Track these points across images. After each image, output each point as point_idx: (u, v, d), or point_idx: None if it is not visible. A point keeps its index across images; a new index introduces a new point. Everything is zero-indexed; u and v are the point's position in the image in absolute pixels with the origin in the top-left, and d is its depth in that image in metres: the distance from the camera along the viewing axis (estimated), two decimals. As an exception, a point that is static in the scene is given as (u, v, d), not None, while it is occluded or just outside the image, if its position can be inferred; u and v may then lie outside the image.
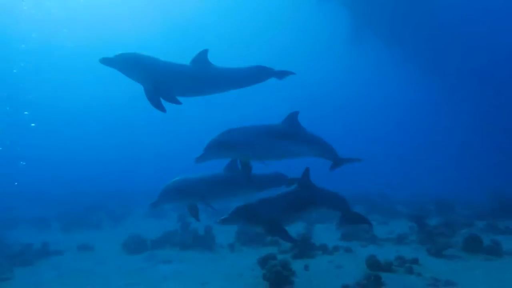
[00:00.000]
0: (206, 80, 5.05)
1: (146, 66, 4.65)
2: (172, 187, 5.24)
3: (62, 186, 20.79)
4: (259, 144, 4.54)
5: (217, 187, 5.53)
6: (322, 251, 7.26)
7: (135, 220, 13.14)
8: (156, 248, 8.65)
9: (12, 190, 19.18)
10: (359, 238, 8.45)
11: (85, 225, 11.94)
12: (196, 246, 8.63)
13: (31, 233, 11.55)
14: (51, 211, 14.58)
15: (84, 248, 8.87)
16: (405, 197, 15.83)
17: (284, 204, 4.85)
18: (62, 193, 19.03)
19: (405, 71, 34.29)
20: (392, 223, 10.88)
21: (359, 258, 6.69)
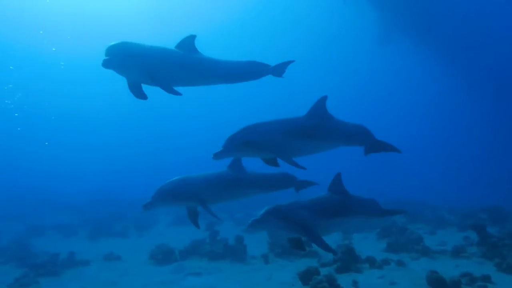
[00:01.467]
0: (191, 68, 4.63)
1: (138, 55, 4.25)
2: (168, 188, 4.64)
3: (86, 193, 21.00)
4: (286, 144, 3.98)
5: (219, 188, 4.87)
6: (369, 264, 6.54)
7: (161, 228, 12.86)
8: (184, 258, 8.24)
9: (38, 198, 19.55)
10: (408, 249, 7.65)
11: (111, 233, 11.76)
12: (227, 257, 8.13)
13: (57, 240, 11.50)
14: (77, 218, 14.59)
15: (110, 258, 8.60)
16: (448, 204, 14.68)
17: (319, 209, 4.20)
18: (86, 200, 19.17)
19: (435, 71, 32.88)
20: (441, 232, 9.95)
21: (414, 273, 5.96)
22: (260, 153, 3.95)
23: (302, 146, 4.09)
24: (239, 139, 3.78)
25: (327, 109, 4.33)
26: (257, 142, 3.81)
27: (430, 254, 7.30)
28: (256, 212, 10.46)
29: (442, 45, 27.74)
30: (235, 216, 14.79)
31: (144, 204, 4.59)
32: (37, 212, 16.88)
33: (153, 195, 4.60)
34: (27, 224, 13.87)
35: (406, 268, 6.43)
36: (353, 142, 4.58)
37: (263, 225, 3.79)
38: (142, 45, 4.43)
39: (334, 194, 4.43)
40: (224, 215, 15.23)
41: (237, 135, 3.80)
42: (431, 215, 11.98)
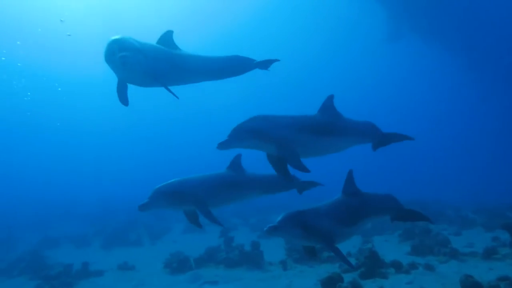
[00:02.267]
0: (183, 65, 4.48)
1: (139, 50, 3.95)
2: (165, 189, 4.34)
3: (98, 202, 21.04)
4: (296, 138, 3.71)
5: (217, 190, 4.56)
6: (395, 268, 6.20)
7: (175, 236, 12.68)
8: (200, 266, 8.00)
9: (52, 207, 19.66)
10: (434, 252, 7.28)
11: (125, 242, 11.63)
12: (243, 264, 7.87)
13: (71, 251, 11.43)
14: (90, 227, 14.55)
15: (124, 268, 8.44)
16: (469, 203, 14.14)
17: (339, 217, 3.87)
18: (99, 209, 19.18)
19: (448, 67, 32.19)
20: (467, 233, 9.50)
21: (445, 278, 5.61)
22: (267, 146, 3.60)
23: (312, 143, 3.81)
24: (246, 127, 3.50)
25: (335, 107, 4.14)
26: (266, 132, 3.53)
27: (459, 257, 6.92)
28: (270, 217, 10.23)
29: (454, 40, 27.09)
30: (249, 221, 14.55)
31: (140, 205, 4.28)
32: (51, 222, 16.96)
33: (149, 196, 4.32)
34: (41, 234, 13.88)
35: (436, 272, 6.07)
36: (363, 139, 4.35)
37: (280, 232, 3.53)
38: (146, 43, 4.23)
39: (349, 196, 4.16)
40: (238, 221, 15.02)
41: (245, 123, 3.53)
42: (453, 215, 11.52)
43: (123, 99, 4.30)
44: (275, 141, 3.56)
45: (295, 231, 3.54)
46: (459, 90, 36.80)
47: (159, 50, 4.33)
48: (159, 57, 4.24)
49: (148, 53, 4.04)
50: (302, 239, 3.71)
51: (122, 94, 4.24)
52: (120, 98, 4.27)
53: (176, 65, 4.43)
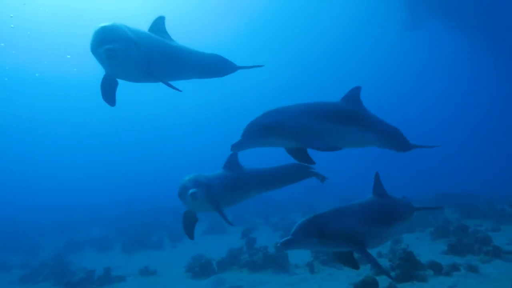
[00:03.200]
0: (170, 56, 3.98)
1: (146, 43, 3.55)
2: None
3: (119, 205, 21.20)
4: (318, 129, 3.29)
5: (235, 188, 4.33)
6: (434, 270, 5.73)
7: (195, 237, 12.43)
8: (223, 270, 7.75)
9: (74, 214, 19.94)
10: (473, 251, 6.74)
11: (146, 245, 11.54)
12: (268, 267, 7.56)
13: (94, 255, 11.43)
14: (111, 230, 14.58)
15: (146, 273, 8.28)
16: (504, 196, 13.32)
17: (368, 217, 3.46)
18: (120, 212, 19.31)
19: (470, 55, 30.81)
20: (506, 229, 8.85)
21: (492, 280, 5.11)
22: (286, 141, 3.23)
23: (335, 133, 3.39)
24: (261, 124, 3.12)
25: (361, 100, 3.73)
26: (284, 125, 3.14)
27: (503, 256, 6.37)
28: (291, 216, 9.74)
29: (476, 26, 25.82)
30: (270, 220, 14.24)
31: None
32: (74, 226, 17.17)
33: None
34: (65, 239, 14.01)
35: (481, 274, 5.57)
36: (386, 141, 3.90)
37: (297, 245, 3.13)
38: (141, 31, 3.71)
39: (380, 197, 3.75)
40: (259, 220, 14.74)
41: (258, 119, 3.16)
42: (488, 209, 10.82)
43: (108, 98, 3.70)
44: (294, 135, 3.16)
45: (311, 240, 3.12)
46: (482, 79, 35.23)
47: (154, 40, 3.81)
48: (154, 48, 3.72)
49: (142, 44, 3.48)
50: (323, 247, 3.29)
51: (108, 92, 3.67)
52: (105, 95, 3.67)
53: (171, 58, 3.96)
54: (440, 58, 34.16)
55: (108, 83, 3.62)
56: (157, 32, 3.96)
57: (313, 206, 17.24)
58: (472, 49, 29.48)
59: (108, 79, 3.60)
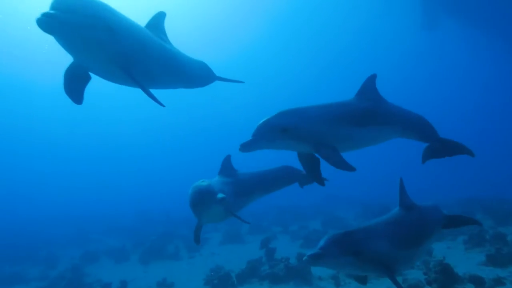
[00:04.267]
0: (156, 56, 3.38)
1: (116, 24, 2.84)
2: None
3: (134, 215, 21.18)
4: (337, 134, 3.05)
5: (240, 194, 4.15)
6: (475, 285, 5.23)
7: (212, 248, 12.19)
8: (242, 283, 7.41)
9: (91, 225, 20.01)
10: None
11: (163, 255, 11.30)
12: (290, 280, 7.17)
13: (110, 267, 11.27)
14: (128, 240, 14.45)
15: (163, 285, 8.03)
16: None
17: (396, 235, 3.14)
18: (136, 222, 19.26)
19: (487, 56, 29.81)
20: (548, 236, 8.17)
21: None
22: (301, 146, 2.97)
23: (354, 136, 3.15)
24: (274, 125, 2.86)
25: (377, 90, 3.45)
26: (299, 128, 2.89)
27: (551, 267, 5.79)
28: (310, 223, 9.18)
29: (494, 27, 25.00)
30: (289, 229, 13.80)
31: None
32: (91, 237, 17.18)
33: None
34: (82, 250, 13.96)
35: (530, 289, 5.04)
36: (412, 133, 3.58)
37: (326, 261, 2.88)
38: (128, 20, 3.09)
39: (408, 210, 3.38)
40: (278, 229, 14.33)
41: (271, 120, 2.89)
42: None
43: (73, 93, 3.05)
44: (310, 139, 2.91)
45: (346, 258, 2.87)
46: (500, 81, 33.99)
47: (141, 34, 3.20)
48: (137, 43, 3.09)
49: (121, 32, 2.86)
50: (355, 267, 3.00)
51: (74, 85, 3.01)
52: (69, 89, 3.03)
53: (157, 59, 3.33)
54: (457, 57, 33.26)
55: (74, 74, 2.97)
56: (153, 29, 3.49)
57: (332, 213, 16.74)
58: (489, 48, 28.54)
59: (75, 69, 2.95)
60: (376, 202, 17.73)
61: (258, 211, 18.09)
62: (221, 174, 4.29)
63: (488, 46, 28.55)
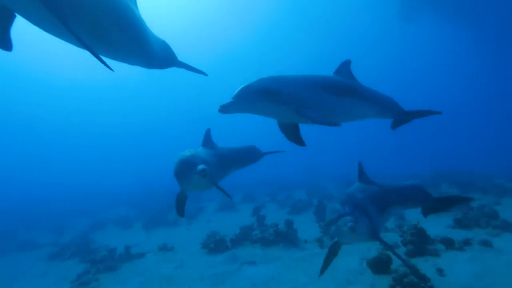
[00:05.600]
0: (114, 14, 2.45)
1: None
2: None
3: (140, 189, 20.94)
4: (318, 99, 2.80)
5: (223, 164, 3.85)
6: (446, 245, 5.19)
7: (209, 215, 12.10)
8: (236, 246, 7.29)
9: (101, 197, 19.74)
10: (481, 225, 6.18)
11: (164, 223, 11.16)
12: (279, 242, 7.08)
13: (116, 233, 11.09)
14: (133, 211, 14.27)
15: (164, 249, 7.87)
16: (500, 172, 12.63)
17: (378, 204, 3.17)
18: (141, 195, 19.04)
19: (465, 44, 29.49)
20: (507, 202, 8.25)
21: (508, 255, 4.55)
22: (282, 109, 2.68)
23: (333, 104, 2.90)
24: (256, 87, 2.59)
25: (352, 73, 3.30)
26: (282, 92, 2.62)
27: (511, 229, 5.79)
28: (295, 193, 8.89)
29: (465, 20, 24.57)
30: (277, 198, 13.76)
31: None
32: (100, 208, 16.94)
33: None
34: (90, 219, 13.74)
35: (494, 249, 5.01)
36: (382, 112, 3.45)
37: (361, 226, 2.73)
38: None
39: (369, 184, 3.43)
40: (267, 198, 14.28)
41: (253, 83, 2.62)
42: (486, 185, 10.19)
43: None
44: (292, 103, 2.64)
45: (367, 222, 2.83)
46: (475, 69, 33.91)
47: None
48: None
49: None
50: (368, 232, 2.87)
51: None
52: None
53: (108, 10, 2.36)
54: (433, 48, 32.92)
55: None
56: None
57: (315, 184, 16.77)
58: (464, 39, 28.23)
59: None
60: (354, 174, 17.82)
61: (249, 183, 18.04)
62: (204, 146, 3.98)
63: (459, 39, 28.23)
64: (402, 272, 3.70)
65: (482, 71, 33.51)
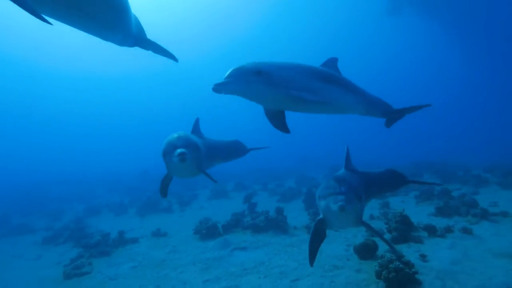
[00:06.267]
0: None
1: None
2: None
3: (136, 175, 20.61)
4: (307, 84, 2.71)
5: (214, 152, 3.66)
6: (428, 232, 5.18)
7: (201, 202, 11.96)
8: (228, 232, 7.19)
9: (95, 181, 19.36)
10: (460, 213, 6.20)
11: (157, 209, 10.98)
12: (269, 229, 7.01)
13: (110, 219, 10.87)
14: (126, 197, 14.01)
15: (158, 234, 7.72)
16: (478, 163, 12.78)
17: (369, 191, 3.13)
18: (136, 181, 18.75)
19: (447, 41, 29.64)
20: (485, 192, 8.33)
21: (486, 242, 4.55)
22: (273, 91, 2.53)
23: (322, 90, 2.82)
24: (249, 68, 2.46)
25: (339, 69, 3.26)
26: (273, 74, 2.52)
27: (490, 217, 5.82)
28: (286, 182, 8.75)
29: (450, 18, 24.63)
30: (268, 186, 13.69)
31: None
32: (95, 193, 16.62)
33: None
34: (85, 205, 13.44)
35: (474, 236, 5.01)
36: (372, 106, 3.39)
37: (351, 208, 2.53)
38: None
39: (351, 172, 3.26)
40: (258, 187, 14.20)
41: (246, 64, 2.50)
42: (465, 175, 10.29)
43: None
44: (282, 85, 2.52)
45: (358, 205, 2.65)
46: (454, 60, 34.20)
47: None
48: None
49: None
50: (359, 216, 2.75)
51: None
52: None
53: None
54: (417, 42, 33.00)
55: None
56: None
57: (304, 173, 16.75)
58: (450, 36, 28.34)
59: None
60: (341, 164, 17.86)
61: (241, 172, 17.92)
62: (194, 133, 3.75)
63: (442, 35, 28.32)
64: (388, 258, 3.63)
65: (467, 67, 33.86)
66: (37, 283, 5.68)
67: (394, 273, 3.51)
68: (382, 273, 3.62)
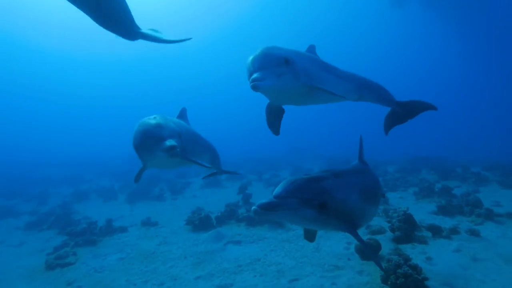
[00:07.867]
0: None
1: None
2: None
3: (126, 160, 20.10)
4: (317, 73, 2.47)
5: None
6: (432, 233, 4.95)
7: (194, 191, 11.63)
8: (221, 224, 6.90)
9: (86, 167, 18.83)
10: (464, 213, 6.01)
11: (148, 196, 10.62)
12: (265, 222, 6.73)
13: (99, 205, 10.48)
14: (117, 182, 13.60)
15: (148, 224, 7.39)
16: (477, 161, 12.67)
17: (364, 189, 2.30)
18: (126, 166, 18.26)
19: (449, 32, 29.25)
20: (486, 190, 8.18)
21: (495, 245, 4.33)
22: (295, 82, 2.17)
23: (327, 80, 2.61)
24: (278, 55, 2.07)
25: None
26: (295, 61, 2.19)
27: (494, 218, 5.63)
28: (281, 173, 8.42)
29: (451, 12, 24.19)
30: (262, 177, 13.43)
31: None
32: (84, 178, 16.13)
33: None
34: (73, 189, 12.99)
35: (482, 238, 4.80)
36: (367, 92, 3.06)
37: (281, 214, 1.78)
38: None
39: (365, 165, 2.67)
40: (253, 176, 13.94)
41: (271, 50, 2.10)
42: (464, 172, 10.15)
43: None
44: (304, 75, 2.23)
45: (307, 212, 1.81)
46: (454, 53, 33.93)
47: None
48: None
49: None
50: (314, 222, 1.92)
51: None
52: None
53: None
54: (417, 36, 32.57)
55: None
56: None
57: (300, 164, 16.53)
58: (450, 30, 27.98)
59: None
60: (338, 155, 17.70)
61: (236, 161, 17.59)
62: (180, 119, 3.36)
63: (443, 29, 27.97)
64: (396, 262, 3.37)
65: (467, 62, 33.69)
66: (16, 272, 5.32)
67: (402, 279, 3.26)
68: (390, 278, 3.37)
